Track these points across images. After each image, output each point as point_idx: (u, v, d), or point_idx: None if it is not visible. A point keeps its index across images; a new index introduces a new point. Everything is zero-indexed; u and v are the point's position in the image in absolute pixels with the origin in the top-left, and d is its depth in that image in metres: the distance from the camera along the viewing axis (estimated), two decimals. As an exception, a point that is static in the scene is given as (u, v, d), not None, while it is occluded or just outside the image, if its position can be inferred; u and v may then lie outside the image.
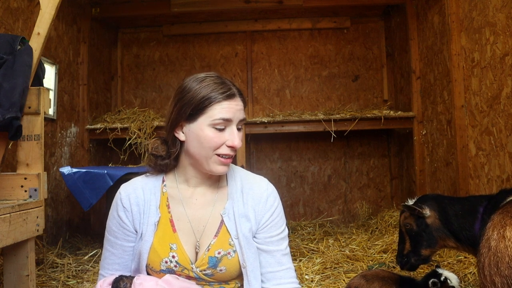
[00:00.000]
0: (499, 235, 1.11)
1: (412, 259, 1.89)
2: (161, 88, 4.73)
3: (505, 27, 2.41)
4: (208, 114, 1.12)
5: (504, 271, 1.06)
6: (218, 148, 1.13)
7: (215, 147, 1.13)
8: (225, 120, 1.12)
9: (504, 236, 1.10)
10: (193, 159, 1.17)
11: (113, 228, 1.19)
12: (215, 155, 1.14)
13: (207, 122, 1.12)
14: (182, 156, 1.21)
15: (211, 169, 1.15)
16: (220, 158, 1.14)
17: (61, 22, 3.63)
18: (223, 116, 1.11)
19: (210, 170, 1.16)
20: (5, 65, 1.86)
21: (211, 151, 1.13)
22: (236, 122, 1.15)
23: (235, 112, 1.14)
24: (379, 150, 4.60)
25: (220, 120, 1.11)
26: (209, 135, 1.12)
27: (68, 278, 2.54)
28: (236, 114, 1.14)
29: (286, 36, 4.72)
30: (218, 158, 1.14)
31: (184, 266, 1.15)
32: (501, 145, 2.50)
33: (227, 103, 1.13)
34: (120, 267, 1.20)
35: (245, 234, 1.17)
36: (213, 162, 1.14)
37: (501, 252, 1.08)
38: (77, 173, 2.86)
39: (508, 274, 1.05)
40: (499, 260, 1.08)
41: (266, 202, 1.22)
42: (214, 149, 1.13)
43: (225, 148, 1.14)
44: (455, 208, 1.79)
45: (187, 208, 1.20)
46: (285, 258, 1.22)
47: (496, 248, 1.10)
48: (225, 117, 1.12)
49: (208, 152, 1.13)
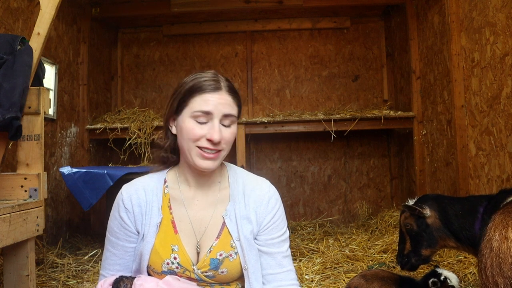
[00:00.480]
0: (501, 236, 1.11)
1: (412, 259, 1.89)
2: (161, 88, 4.72)
3: (505, 27, 2.41)
4: (190, 106, 1.13)
5: (507, 272, 1.06)
6: (197, 140, 1.12)
7: (194, 139, 1.11)
8: (204, 113, 1.11)
9: (507, 237, 1.09)
10: (183, 153, 1.18)
11: (115, 229, 1.19)
12: (196, 148, 1.12)
13: (188, 114, 1.12)
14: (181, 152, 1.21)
15: (194, 163, 1.13)
16: (200, 151, 1.12)
17: (61, 22, 3.63)
18: (202, 108, 1.11)
19: (194, 164, 1.14)
20: (5, 65, 1.86)
21: (191, 143, 1.12)
22: (219, 117, 1.12)
23: (217, 105, 1.12)
24: (379, 150, 4.60)
25: (199, 113, 1.11)
26: (188, 126, 1.12)
27: (68, 278, 2.54)
28: (218, 107, 1.12)
29: (286, 36, 4.72)
30: (199, 151, 1.12)
31: (185, 267, 1.14)
32: (501, 145, 2.50)
33: (210, 95, 1.12)
34: (121, 268, 1.20)
35: (247, 236, 1.17)
36: (195, 155, 1.13)
37: (504, 253, 1.08)
38: (77, 173, 2.86)
39: (511, 275, 1.05)
40: (501, 261, 1.08)
41: (268, 204, 1.21)
42: (194, 141, 1.12)
43: (205, 141, 1.11)
44: (455, 208, 1.79)
45: (188, 209, 1.19)
46: (286, 260, 1.21)
47: (499, 249, 1.09)
48: (204, 110, 1.11)
49: (189, 144, 1.12)
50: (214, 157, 1.13)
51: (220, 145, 1.13)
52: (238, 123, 3.88)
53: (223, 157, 1.17)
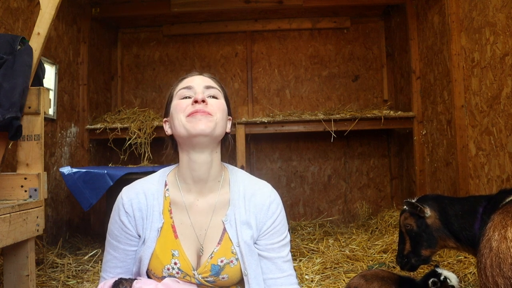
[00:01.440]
0: (501, 236, 1.11)
1: (412, 259, 1.89)
2: (161, 88, 4.72)
3: (505, 27, 2.41)
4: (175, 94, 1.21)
5: (507, 272, 1.06)
6: (184, 110, 1.14)
7: (182, 110, 1.14)
8: (186, 88, 1.18)
9: (506, 237, 1.09)
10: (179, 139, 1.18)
11: (115, 232, 1.18)
12: (186, 117, 1.13)
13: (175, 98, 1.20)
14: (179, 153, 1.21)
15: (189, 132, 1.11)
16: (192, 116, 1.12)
17: (61, 22, 3.63)
18: (182, 86, 1.20)
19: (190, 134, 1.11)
20: (5, 65, 1.86)
21: (181, 115, 1.14)
22: (201, 88, 1.18)
23: (195, 80, 1.20)
24: (379, 150, 4.60)
25: (181, 90, 1.19)
26: (175, 104, 1.18)
27: (68, 278, 2.54)
28: (196, 81, 1.20)
29: (286, 36, 4.72)
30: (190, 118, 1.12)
31: (186, 272, 1.14)
32: (501, 145, 2.50)
33: (189, 78, 1.22)
34: (122, 270, 1.19)
35: (247, 241, 1.16)
36: (186, 122, 1.12)
37: (503, 253, 1.07)
38: (77, 173, 2.86)
39: (511, 275, 1.05)
40: (501, 261, 1.08)
41: (268, 209, 1.20)
42: (182, 112, 1.14)
43: (190, 107, 1.14)
44: (455, 208, 1.79)
45: (189, 213, 1.18)
46: (286, 264, 1.20)
47: (498, 249, 1.09)
48: (184, 86, 1.19)
49: (179, 117, 1.14)
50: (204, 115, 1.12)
51: (208, 107, 1.14)
52: (238, 123, 3.90)
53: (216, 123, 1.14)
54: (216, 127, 1.14)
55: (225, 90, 1.26)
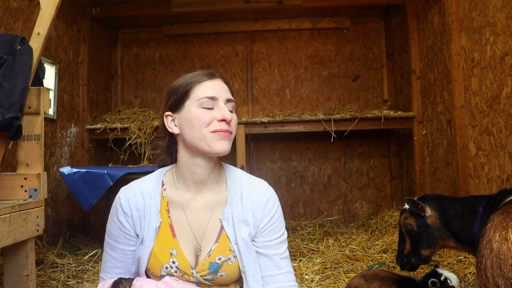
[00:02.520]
0: (501, 237, 1.11)
1: (412, 259, 1.89)
2: (161, 88, 4.72)
3: (505, 27, 2.41)
4: (193, 96, 1.15)
5: (507, 273, 1.06)
6: (209, 124, 1.13)
7: (206, 124, 1.12)
8: (210, 98, 1.14)
9: (507, 238, 1.09)
10: (192, 147, 1.16)
11: (114, 232, 1.19)
12: (210, 133, 1.12)
13: (193, 104, 1.14)
14: (180, 154, 1.20)
15: (210, 148, 1.12)
16: (216, 134, 1.12)
17: (61, 22, 3.63)
18: (207, 94, 1.14)
19: (210, 150, 1.13)
20: (5, 65, 1.86)
21: (204, 129, 1.12)
22: (223, 101, 1.16)
23: (219, 90, 1.16)
24: (379, 150, 4.60)
25: (205, 99, 1.13)
26: (197, 113, 1.13)
27: (68, 278, 2.54)
28: (220, 92, 1.16)
29: (286, 36, 4.72)
30: (213, 135, 1.12)
31: (184, 271, 1.14)
32: (501, 145, 2.50)
33: (209, 82, 1.16)
34: (121, 271, 1.19)
35: (244, 239, 1.16)
36: (211, 139, 1.12)
37: (504, 254, 1.08)
38: (77, 173, 2.86)
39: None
40: (502, 262, 1.08)
41: (265, 206, 1.21)
42: (206, 126, 1.12)
43: (216, 123, 1.13)
44: (455, 208, 1.79)
45: (187, 212, 1.19)
46: (284, 261, 1.21)
47: (499, 250, 1.09)
48: (209, 95, 1.14)
49: (202, 131, 1.12)
50: (228, 136, 1.15)
51: (230, 126, 1.15)
52: (238, 123, 3.89)
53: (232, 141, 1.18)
54: (231, 144, 1.18)
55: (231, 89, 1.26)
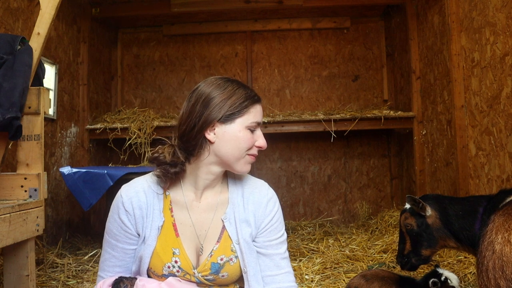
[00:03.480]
0: (504, 239, 1.11)
1: (412, 259, 1.89)
2: (161, 88, 4.72)
3: (505, 27, 2.41)
4: (246, 116, 1.16)
5: (509, 274, 1.06)
6: (250, 148, 1.18)
7: (248, 148, 1.18)
8: (257, 124, 1.19)
9: (510, 240, 1.10)
10: (223, 160, 1.16)
11: (114, 231, 1.18)
12: (247, 155, 1.19)
13: (244, 124, 1.16)
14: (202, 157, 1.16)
15: (242, 169, 1.19)
16: (250, 158, 1.20)
17: (61, 22, 3.63)
18: (257, 120, 1.19)
19: (240, 170, 1.19)
20: (5, 65, 1.85)
21: (244, 152, 1.17)
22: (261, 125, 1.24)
23: (261, 116, 1.23)
24: (379, 150, 4.60)
25: (255, 124, 1.18)
26: (246, 136, 1.16)
27: (68, 278, 2.54)
28: (261, 117, 1.24)
29: (286, 36, 4.72)
30: (249, 157, 1.19)
31: (186, 271, 1.15)
32: (501, 145, 2.50)
33: (258, 106, 1.21)
34: (121, 270, 1.19)
35: (246, 239, 1.17)
36: (245, 161, 1.18)
37: (507, 256, 1.08)
38: (77, 173, 2.86)
39: None
40: (504, 264, 1.08)
41: (266, 207, 1.22)
42: (247, 150, 1.18)
43: (255, 149, 1.20)
44: (456, 208, 1.79)
45: (190, 212, 1.19)
46: (284, 261, 1.22)
47: (501, 252, 1.09)
48: (259, 121, 1.20)
49: (242, 152, 1.17)
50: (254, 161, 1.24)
51: None
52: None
53: None
54: None
55: None
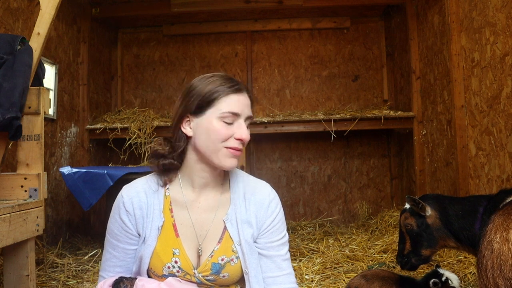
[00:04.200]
0: (502, 238, 1.11)
1: (412, 259, 1.89)
2: (161, 88, 4.72)
3: (505, 27, 2.41)
4: (217, 107, 1.13)
5: (507, 273, 1.06)
6: (226, 140, 1.13)
7: (223, 139, 1.13)
8: (233, 114, 1.13)
9: (508, 239, 1.10)
10: (201, 154, 1.16)
11: (115, 231, 1.18)
12: (224, 148, 1.13)
13: (215, 115, 1.12)
14: (187, 155, 1.19)
15: (220, 163, 1.14)
16: (230, 151, 1.13)
17: (61, 22, 3.63)
18: (231, 110, 1.13)
19: (219, 164, 1.14)
20: (5, 65, 1.85)
21: (219, 144, 1.13)
22: (244, 117, 1.16)
23: (243, 107, 1.15)
24: (379, 150, 4.60)
25: (228, 114, 1.12)
26: (217, 127, 1.12)
27: (68, 278, 2.54)
28: (244, 109, 1.15)
29: (286, 36, 4.72)
30: (227, 151, 1.13)
31: (186, 271, 1.14)
32: (501, 145, 2.50)
33: (235, 96, 1.14)
34: (121, 270, 1.19)
35: (248, 240, 1.17)
36: (223, 155, 1.13)
37: (505, 254, 1.08)
38: (77, 173, 2.86)
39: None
40: (502, 263, 1.08)
41: (268, 208, 1.21)
42: (222, 142, 1.13)
43: (233, 141, 1.13)
44: (456, 208, 1.79)
45: (190, 212, 1.19)
46: (285, 263, 1.21)
47: (500, 251, 1.10)
48: (233, 111, 1.13)
49: (217, 145, 1.13)
50: (239, 154, 1.16)
51: (244, 144, 1.16)
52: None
53: None
54: None
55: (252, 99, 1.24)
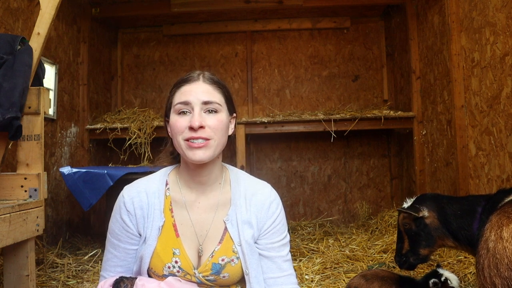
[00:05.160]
0: (497, 236, 1.11)
1: (410, 258, 1.89)
2: (161, 88, 4.72)
3: (505, 27, 2.41)
4: (173, 102, 1.15)
5: (504, 272, 1.07)
6: (182, 132, 1.10)
7: (179, 132, 1.10)
8: (183, 103, 1.11)
9: (502, 237, 1.10)
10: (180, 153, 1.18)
11: (116, 231, 1.19)
12: (183, 141, 1.10)
13: (173, 110, 1.14)
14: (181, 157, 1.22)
15: (187, 157, 1.11)
16: (188, 143, 1.10)
17: (61, 22, 3.63)
18: (180, 100, 1.12)
19: (188, 159, 1.12)
20: (5, 65, 1.86)
21: (179, 137, 1.11)
22: (199, 104, 1.11)
23: (195, 94, 1.11)
24: (379, 150, 4.60)
25: (179, 105, 1.12)
26: (173, 121, 1.13)
27: (68, 278, 2.54)
28: (197, 96, 1.11)
29: (286, 36, 4.72)
30: (186, 143, 1.10)
31: (186, 271, 1.15)
32: (501, 145, 2.50)
33: (187, 86, 1.14)
34: (122, 269, 1.19)
35: (248, 241, 1.17)
36: (185, 148, 1.11)
37: (500, 253, 1.08)
38: (77, 173, 2.86)
39: (508, 276, 1.05)
40: (498, 261, 1.08)
41: (269, 209, 1.21)
42: (180, 134, 1.10)
43: (188, 132, 1.10)
44: (454, 207, 1.79)
45: (190, 212, 1.19)
46: (286, 264, 1.21)
47: (495, 250, 1.10)
48: (182, 100, 1.11)
49: (178, 139, 1.11)
50: (203, 146, 1.10)
51: (206, 132, 1.10)
52: (238, 123, 3.90)
53: (216, 147, 1.12)
54: (214, 150, 1.13)
55: (226, 88, 1.19)
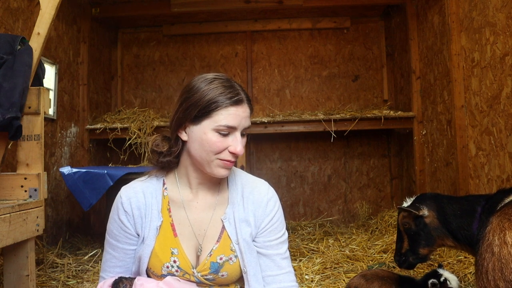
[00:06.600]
0: (501, 241, 1.12)
1: (410, 257, 1.89)
2: (161, 88, 4.73)
3: (505, 27, 2.41)
4: (214, 118, 1.10)
5: (508, 276, 1.08)
6: (219, 153, 1.11)
7: (216, 152, 1.11)
8: (230, 128, 1.11)
9: (506, 241, 1.11)
10: (194, 160, 1.16)
11: (114, 231, 1.19)
12: (217, 160, 1.12)
13: (211, 126, 1.10)
14: (183, 156, 1.20)
15: (212, 172, 1.14)
16: (222, 162, 1.12)
17: (61, 22, 3.63)
18: (228, 123, 1.10)
19: (211, 173, 1.14)
20: (5, 65, 1.86)
21: (212, 155, 1.11)
22: (241, 130, 1.13)
23: (241, 119, 1.12)
24: (379, 150, 4.60)
25: (224, 127, 1.10)
26: (212, 139, 1.10)
27: (68, 278, 2.54)
28: (241, 121, 1.12)
29: (286, 36, 4.72)
30: (220, 162, 1.12)
31: (185, 270, 1.15)
32: (501, 145, 2.50)
33: (234, 109, 1.10)
34: (121, 270, 1.20)
35: (246, 239, 1.17)
36: (216, 166, 1.13)
37: (505, 258, 1.09)
38: (77, 173, 2.86)
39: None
40: (503, 265, 1.09)
41: (266, 206, 1.21)
42: (216, 154, 1.11)
43: (227, 154, 1.12)
44: (454, 207, 1.79)
45: (188, 212, 1.19)
46: (285, 261, 1.21)
47: (500, 254, 1.11)
48: (230, 125, 1.10)
49: (210, 155, 1.11)
50: (232, 165, 1.16)
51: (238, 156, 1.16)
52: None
53: None
54: None
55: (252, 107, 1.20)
